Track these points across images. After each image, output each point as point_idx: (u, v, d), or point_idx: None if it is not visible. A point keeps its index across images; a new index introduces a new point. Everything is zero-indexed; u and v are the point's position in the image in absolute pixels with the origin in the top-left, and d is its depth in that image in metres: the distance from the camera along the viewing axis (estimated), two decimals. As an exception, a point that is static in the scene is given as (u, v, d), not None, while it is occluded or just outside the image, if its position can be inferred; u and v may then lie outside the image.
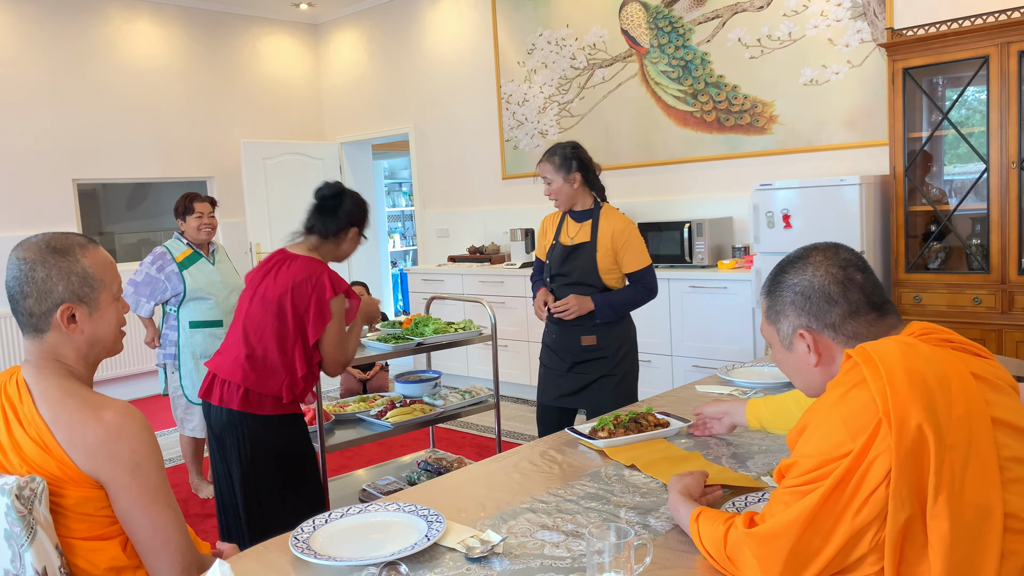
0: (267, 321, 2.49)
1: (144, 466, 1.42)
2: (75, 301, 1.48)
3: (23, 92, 5.94)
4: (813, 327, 1.34)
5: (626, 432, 2.05)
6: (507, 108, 6.28)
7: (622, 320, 3.14)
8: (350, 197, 2.74)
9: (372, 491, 3.40)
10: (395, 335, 3.46)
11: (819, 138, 4.68)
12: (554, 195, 3.09)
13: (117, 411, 1.42)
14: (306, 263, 2.57)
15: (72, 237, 1.52)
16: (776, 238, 4.25)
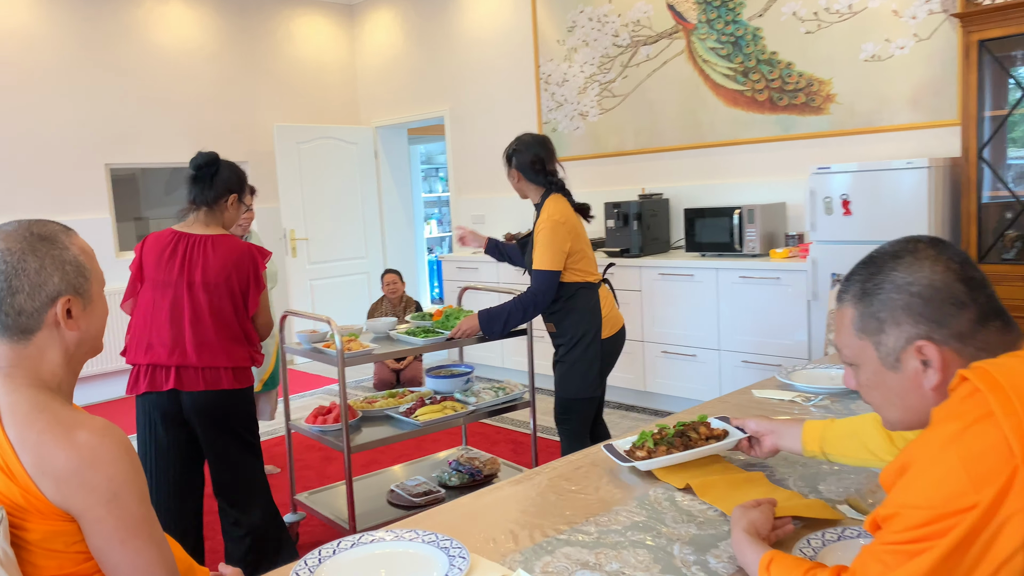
0: (222, 303, 2.68)
1: (122, 496, 1.23)
2: (72, 293, 1.31)
3: (55, 76, 5.85)
4: (935, 338, 1.07)
5: (669, 450, 1.77)
6: (546, 89, 6.03)
7: (577, 311, 3.09)
8: (225, 165, 2.82)
9: (401, 492, 3.21)
10: (425, 328, 3.27)
11: (880, 118, 4.35)
12: (515, 189, 3.28)
13: (93, 431, 1.23)
14: (230, 243, 2.72)
15: (50, 223, 1.34)
16: (834, 225, 3.95)
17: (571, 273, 3.09)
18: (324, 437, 3.01)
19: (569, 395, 3.13)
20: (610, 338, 3.14)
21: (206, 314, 2.65)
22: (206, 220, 2.77)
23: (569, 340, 3.12)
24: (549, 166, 3.18)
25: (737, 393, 2.38)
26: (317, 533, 3.42)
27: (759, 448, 1.73)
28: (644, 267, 4.82)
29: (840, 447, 1.59)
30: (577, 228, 3.11)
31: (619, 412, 5.00)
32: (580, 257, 3.09)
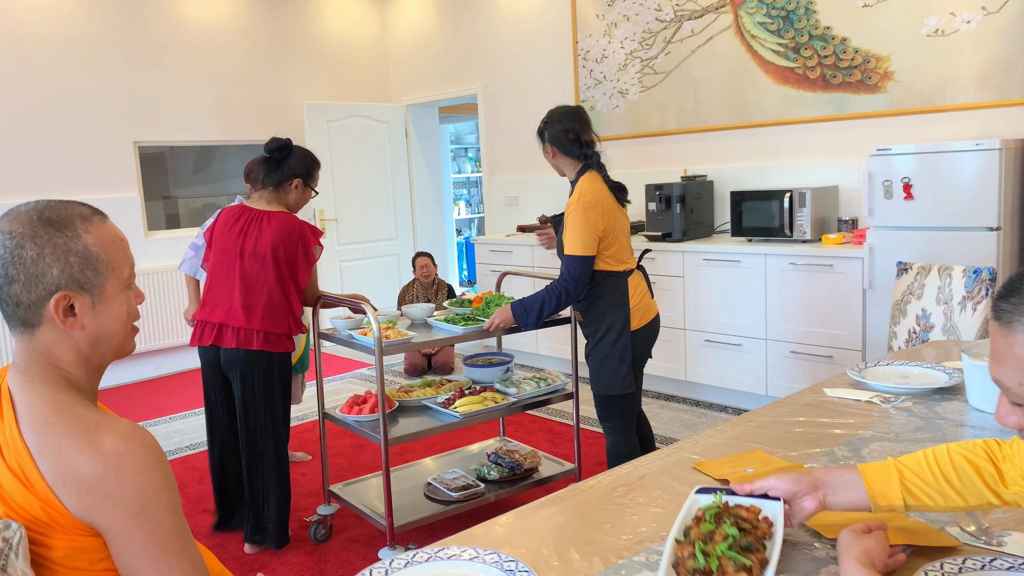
0: (267, 273, 2.94)
1: (153, 508, 1.10)
2: (74, 288, 1.16)
3: (82, 53, 5.75)
4: None
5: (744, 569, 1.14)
6: (584, 66, 5.82)
7: (603, 301, 2.93)
8: (296, 151, 3.06)
9: (439, 486, 3.08)
10: (464, 316, 3.12)
11: (943, 97, 4.11)
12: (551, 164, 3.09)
13: (119, 436, 1.10)
14: (283, 219, 2.97)
15: (73, 207, 1.19)
16: (895, 210, 3.74)
17: (600, 260, 2.91)
18: (360, 428, 2.88)
19: (603, 391, 2.97)
20: (641, 329, 2.96)
21: (251, 281, 2.96)
22: (269, 198, 3.05)
23: (595, 332, 2.97)
24: (584, 136, 2.97)
25: (807, 392, 2.20)
26: (351, 526, 3.30)
27: (799, 512, 1.28)
28: (687, 252, 4.63)
29: (929, 496, 1.26)
30: (610, 209, 2.90)
31: (658, 402, 4.83)
32: (611, 243, 2.90)
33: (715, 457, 1.76)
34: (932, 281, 2.92)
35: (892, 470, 1.28)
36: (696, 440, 1.86)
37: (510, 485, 3.14)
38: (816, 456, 1.71)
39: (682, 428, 4.32)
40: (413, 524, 2.86)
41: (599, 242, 2.87)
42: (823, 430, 1.88)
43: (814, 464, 1.66)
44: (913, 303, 2.97)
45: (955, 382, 2.12)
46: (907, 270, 3.01)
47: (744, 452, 1.76)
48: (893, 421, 1.91)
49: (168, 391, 5.69)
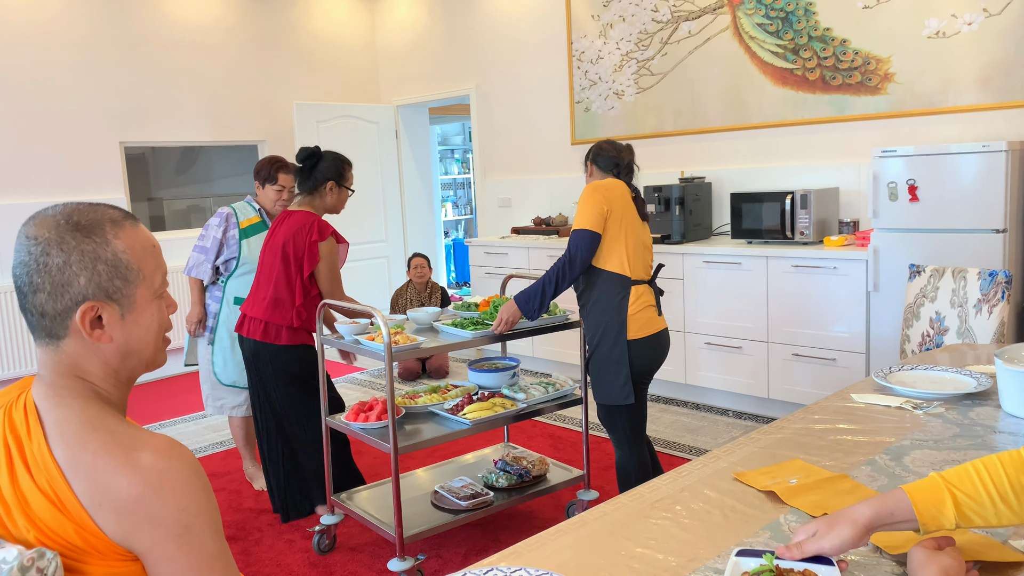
0: (275, 264, 3.13)
1: (195, 529, 1.03)
2: (102, 298, 1.08)
3: (67, 52, 5.62)
4: None
5: None
6: (578, 67, 5.78)
7: (601, 303, 2.84)
8: (325, 156, 3.21)
9: (446, 494, 3.01)
10: (472, 320, 3.05)
11: (944, 99, 4.11)
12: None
13: (158, 453, 1.03)
14: (301, 216, 3.14)
15: (103, 210, 1.12)
16: (899, 212, 3.72)
17: (606, 261, 2.81)
18: (368, 436, 2.80)
19: (602, 400, 2.88)
20: (641, 340, 2.81)
21: (269, 274, 3.16)
22: (303, 202, 3.22)
23: (592, 337, 2.89)
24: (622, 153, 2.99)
25: (835, 397, 2.16)
26: (355, 536, 3.23)
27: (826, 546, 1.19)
28: (687, 254, 4.59)
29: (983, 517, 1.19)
30: (622, 206, 2.82)
31: (659, 405, 4.79)
32: (619, 242, 2.79)
33: (751, 467, 1.71)
34: (946, 284, 2.90)
35: (944, 494, 1.20)
36: (731, 449, 1.81)
37: (519, 493, 3.08)
38: (858, 465, 1.66)
39: (684, 432, 4.28)
40: (422, 534, 2.79)
41: (604, 222, 2.78)
42: (858, 437, 1.84)
43: (857, 474, 1.62)
44: (927, 306, 2.95)
45: (985, 387, 2.09)
46: (920, 273, 2.99)
47: (784, 462, 1.72)
48: (929, 428, 1.87)
49: (158, 398, 5.56)
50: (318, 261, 3.10)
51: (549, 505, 3.42)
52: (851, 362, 4.00)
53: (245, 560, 3.07)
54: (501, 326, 2.88)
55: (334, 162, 3.20)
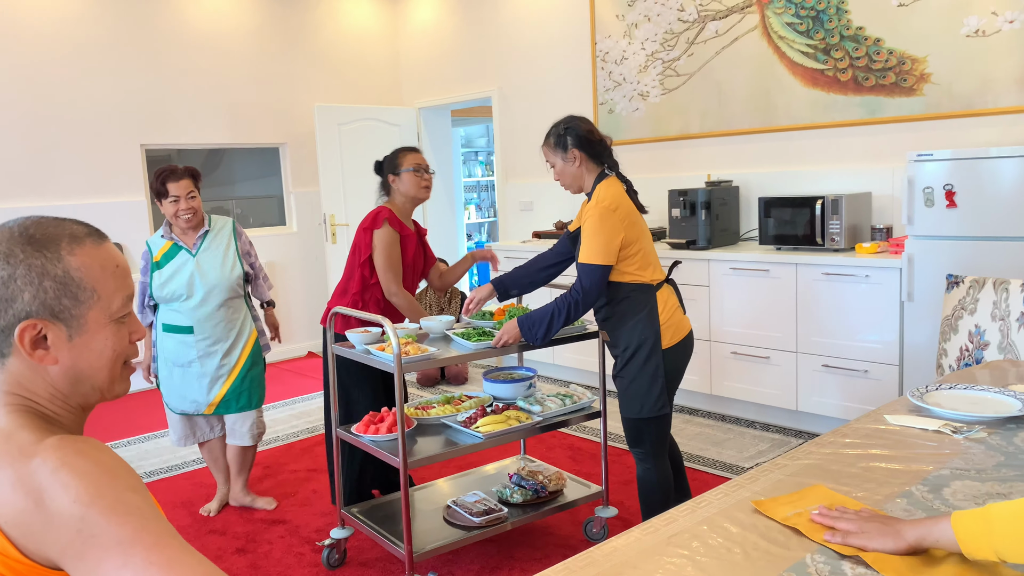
0: (349, 256, 3.28)
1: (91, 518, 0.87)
2: (47, 317, 1.00)
3: (88, 55, 5.61)
4: None
5: None
6: (602, 68, 5.66)
7: (630, 318, 2.72)
8: (384, 160, 3.34)
9: (459, 510, 2.91)
10: (480, 331, 2.95)
11: (983, 100, 3.94)
12: (559, 179, 2.84)
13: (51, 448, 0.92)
14: (372, 210, 3.26)
15: (66, 225, 1.04)
16: (936, 219, 3.56)
17: (622, 273, 2.70)
18: (378, 449, 2.71)
19: (632, 415, 2.75)
20: (674, 347, 2.73)
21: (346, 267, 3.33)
22: (386, 200, 3.34)
23: (624, 352, 2.75)
24: (606, 138, 2.82)
25: (866, 419, 2.03)
26: (366, 550, 3.14)
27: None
28: (713, 260, 4.45)
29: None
30: (632, 216, 2.69)
31: (683, 416, 4.66)
32: (636, 251, 2.69)
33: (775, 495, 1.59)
34: (987, 295, 2.75)
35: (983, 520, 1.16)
36: (754, 476, 1.69)
37: (534, 509, 2.97)
38: (892, 498, 1.54)
39: (708, 444, 4.15)
40: (433, 552, 2.70)
41: (620, 251, 2.67)
42: (893, 464, 1.70)
43: (892, 508, 1.49)
44: (965, 319, 2.80)
45: (1031, 410, 1.95)
46: (958, 284, 2.84)
47: (804, 489, 1.60)
48: (970, 455, 1.74)
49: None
50: (371, 250, 3.18)
51: (566, 521, 3.31)
52: (883, 374, 3.84)
53: (252, 574, 3.00)
54: (500, 344, 2.76)
55: (388, 158, 3.32)
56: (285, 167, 6.75)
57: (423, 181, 3.26)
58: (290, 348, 6.73)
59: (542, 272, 3.01)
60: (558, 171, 2.81)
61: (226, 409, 3.44)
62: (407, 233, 3.25)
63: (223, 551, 3.19)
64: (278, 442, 4.50)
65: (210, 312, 3.34)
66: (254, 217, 6.86)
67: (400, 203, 3.29)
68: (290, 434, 4.64)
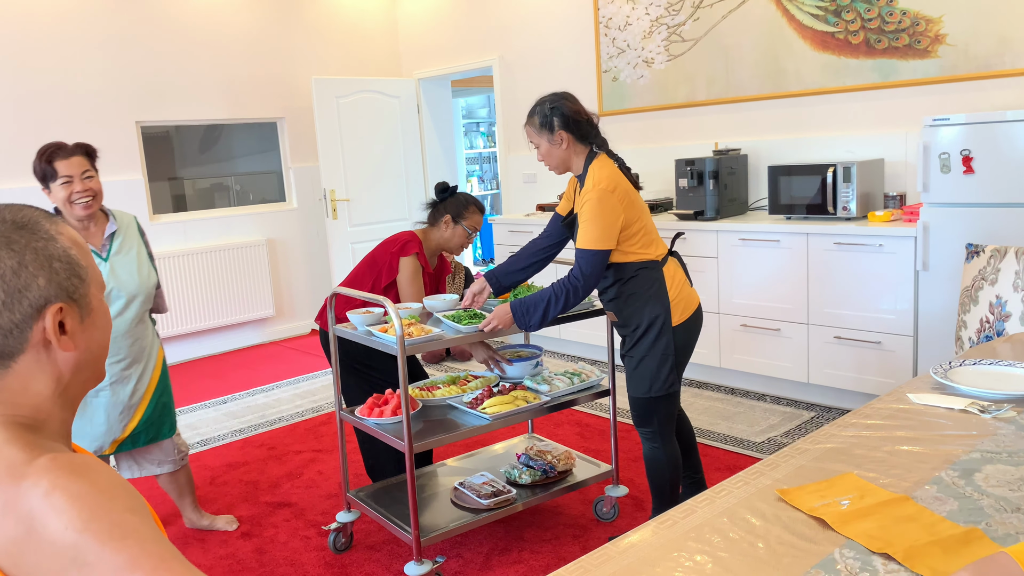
0: (362, 266, 3.17)
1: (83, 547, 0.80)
2: (66, 299, 0.94)
3: (81, 31, 5.48)
4: None
5: None
6: (606, 34, 5.51)
7: (639, 296, 2.63)
8: (457, 195, 3.20)
9: (467, 492, 2.86)
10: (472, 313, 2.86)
11: (1001, 62, 3.81)
12: (544, 160, 2.72)
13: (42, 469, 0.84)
14: (402, 233, 3.17)
15: (30, 209, 0.97)
16: (952, 185, 3.45)
17: (626, 253, 2.60)
18: (382, 432, 2.65)
19: (640, 394, 2.67)
20: (684, 324, 2.65)
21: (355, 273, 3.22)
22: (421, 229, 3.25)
23: (635, 331, 2.65)
24: (593, 116, 2.69)
25: (888, 398, 1.95)
26: (373, 532, 3.09)
27: None
28: (722, 231, 4.36)
29: None
30: (631, 195, 2.59)
31: (692, 390, 4.59)
32: (637, 230, 2.60)
33: (799, 483, 1.52)
34: (1008, 265, 2.65)
35: None
36: (775, 462, 1.62)
37: (543, 489, 2.92)
38: (921, 485, 1.46)
39: (718, 418, 4.08)
40: (441, 536, 2.64)
41: (622, 231, 2.57)
42: (919, 447, 1.63)
43: (921, 496, 1.42)
44: (986, 289, 2.71)
45: (1060, 387, 1.87)
46: (979, 253, 2.74)
47: (834, 477, 1.52)
48: (1000, 436, 1.66)
49: (177, 383, 5.49)
50: (396, 274, 3.09)
51: (576, 500, 3.25)
52: (897, 345, 3.76)
53: (258, 560, 2.95)
54: (489, 328, 2.62)
55: (459, 199, 3.19)
56: (283, 142, 6.64)
57: (468, 242, 3.19)
58: (294, 326, 6.67)
59: (535, 258, 2.89)
60: (543, 153, 2.68)
61: (132, 444, 2.90)
62: (426, 268, 3.17)
63: (228, 536, 3.15)
64: (283, 422, 4.45)
65: (127, 327, 2.82)
66: (253, 193, 6.75)
67: (435, 242, 3.20)
68: (295, 414, 4.59)
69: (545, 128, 2.63)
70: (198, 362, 5.98)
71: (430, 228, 3.22)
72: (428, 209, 3.24)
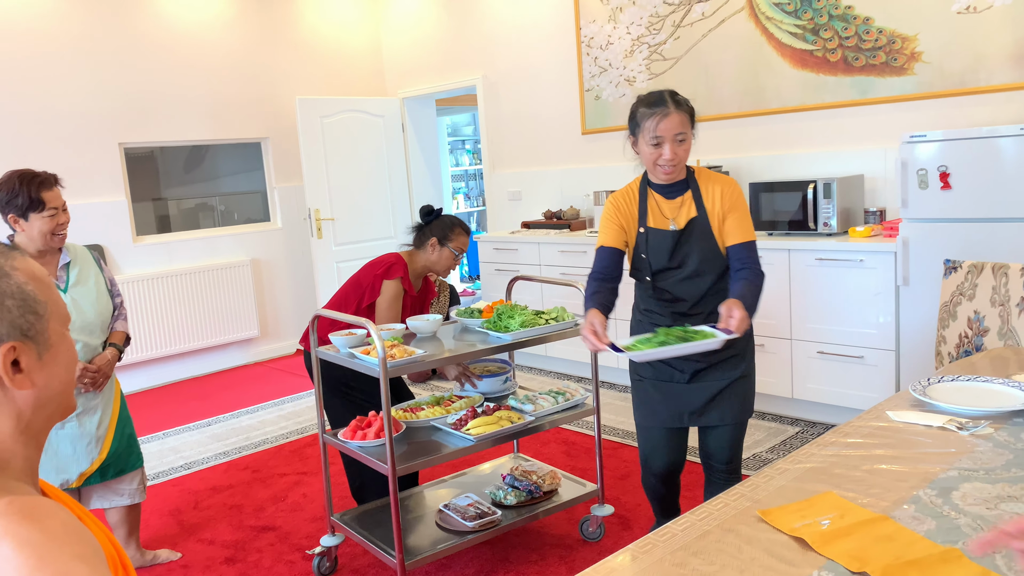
0: (347, 286, 3.18)
1: None
2: (19, 338, 0.92)
3: (63, 51, 5.47)
4: None
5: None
6: (588, 53, 5.55)
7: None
8: (442, 217, 3.22)
9: (452, 514, 2.84)
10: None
11: (976, 78, 3.86)
12: (679, 157, 2.36)
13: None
14: (388, 254, 3.18)
15: None
16: (930, 201, 3.49)
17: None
18: (365, 456, 2.64)
19: (748, 416, 2.55)
20: None
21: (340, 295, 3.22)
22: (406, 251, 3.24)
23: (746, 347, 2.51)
24: None
25: (868, 416, 1.96)
26: (359, 556, 3.07)
27: None
28: (704, 248, 4.37)
29: None
30: None
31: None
32: None
33: (779, 503, 1.52)
34: (985, 280, 2.68)
35: None
36: (755, 483, 1.62)
37: (528, 510, 2.91)
38: (899, 504, 1.47)
39: (704, 435, 4.08)
40: (426, 559, 2.63)
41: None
42: (898, 466, 1.64)
43: (899, 515, 1.42)
44: (964, 305, 2.73)
45: (1037, 402, 1.88)
46: (956, 268, 2.77)
47: (814, 497, 1.53)
48: (977, 453, 1.67)
49: (161, 405, 5.44)
50: (378, 295, 3.08)
51: (562, 520, 3.24)
52: (880, 360, 3.78)
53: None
54: (742, 328, 2.14)
55: (444, 221, 3.20)
56: (268, 162, 6.63)
57: (455, 264, 3.20)
58: (279, 346, 6.64)
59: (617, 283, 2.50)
60: (685, 148, 2.37)
61: (101, 478, 2.84)
62: (409, 291, 3.16)
63: (211, 561, 3.12)
64: (268, 444, 4.42)
65: (90, 358, 2.78)
66: (238, 213, 6.74)
67: (420, 265, 3.20)
68: (280, 436, 4.56)
69: (691, 120, 2.40)
70: (183, 384, 5.94)
71: (416, 251, 3.23)
72: (414, 232, 3.25)
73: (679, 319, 2.47)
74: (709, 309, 2.46)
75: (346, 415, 3.10)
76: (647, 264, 2.47)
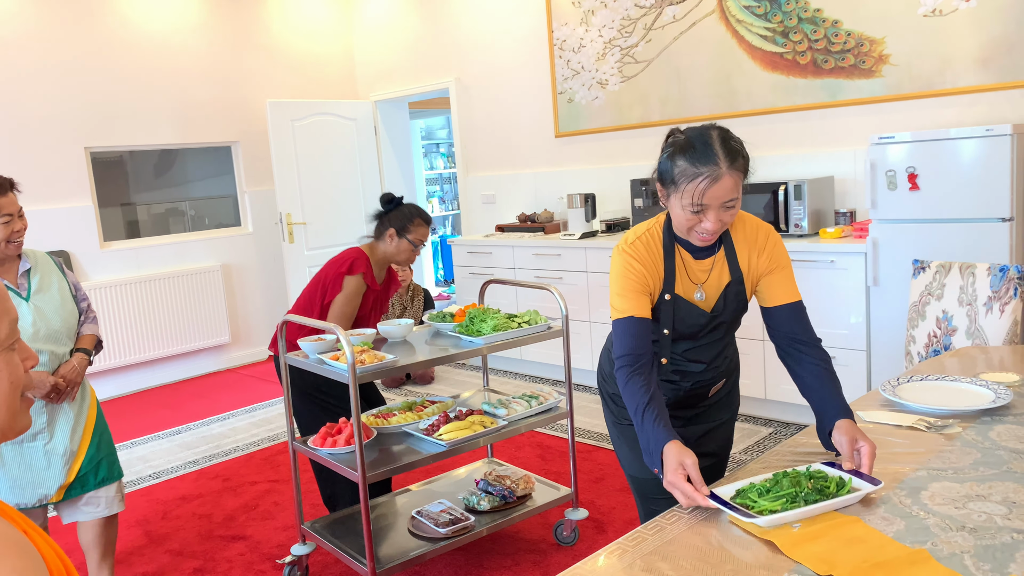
0: (309, 286, 3.13)
1: None
2: None
3: (29, 54, 5.37)
4: None
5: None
6: (560, 56, 5.55)
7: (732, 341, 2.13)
8: (402, 207, 3.13)
9: (425, 520, 2.81)
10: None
11: (942, 80, 3.91)
12: (724, 223, 1.78)
13: None
14: (349, 250, 3.11)
15: None
16: (899, 202, 3.52)
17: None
18: (335, 463, 2.60)
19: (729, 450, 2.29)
20: None
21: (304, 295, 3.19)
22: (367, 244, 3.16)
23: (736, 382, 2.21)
24: None
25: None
26: (331, 564, 3.02)
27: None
28: (677, 250, 4.38)
29: None
30: None
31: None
32: None
33: (750, 507, 1.51)
34: (953, 280, 2.70)
35: None
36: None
37: (502, 515, 2.88)
38: (869, 505, 1.46)
39: (679, 437, 4.08)
40: (398, 567, 2.59)
41: None
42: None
43: (869, 517, 1.42)
44: (933, 304, 2.75)
45: (1004, 401, 1.89)
46: (924, 269, 2.79)
47: (783, 500, 1.52)
48: (946, 453, 1.68)
49: (130, 413, 5.35)
50: (339, 292, 3.01)
51: (536, 525, 3.22)
52: (851, 360, 3.80)
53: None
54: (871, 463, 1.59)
55: (404, 211, 3.11)
56: (238, 166, 6.56)
57: (413, 255, 3.12)
58: (250, 352, 6.56)
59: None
60: (732, 214, 1.79)
61: (82, 488, 2.69)
62: (372, 286, 3.09)
63: (180, 571, 3.06)
64: (238, 452, 4.36)
65: (56, 368, 2.64)
66: (209, 218, 6.65)
67: (380, 256, 3.12)
68: (251, 443, 4.49)
69: (744, 175, 1.80)
70: (152, 391, 5.84)
71: (376, 242, 3.14)
72: (374, 221, 3.15)
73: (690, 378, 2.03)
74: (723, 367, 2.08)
75: (319, 421, 3.05)
76: (668, 338, 1.95)
